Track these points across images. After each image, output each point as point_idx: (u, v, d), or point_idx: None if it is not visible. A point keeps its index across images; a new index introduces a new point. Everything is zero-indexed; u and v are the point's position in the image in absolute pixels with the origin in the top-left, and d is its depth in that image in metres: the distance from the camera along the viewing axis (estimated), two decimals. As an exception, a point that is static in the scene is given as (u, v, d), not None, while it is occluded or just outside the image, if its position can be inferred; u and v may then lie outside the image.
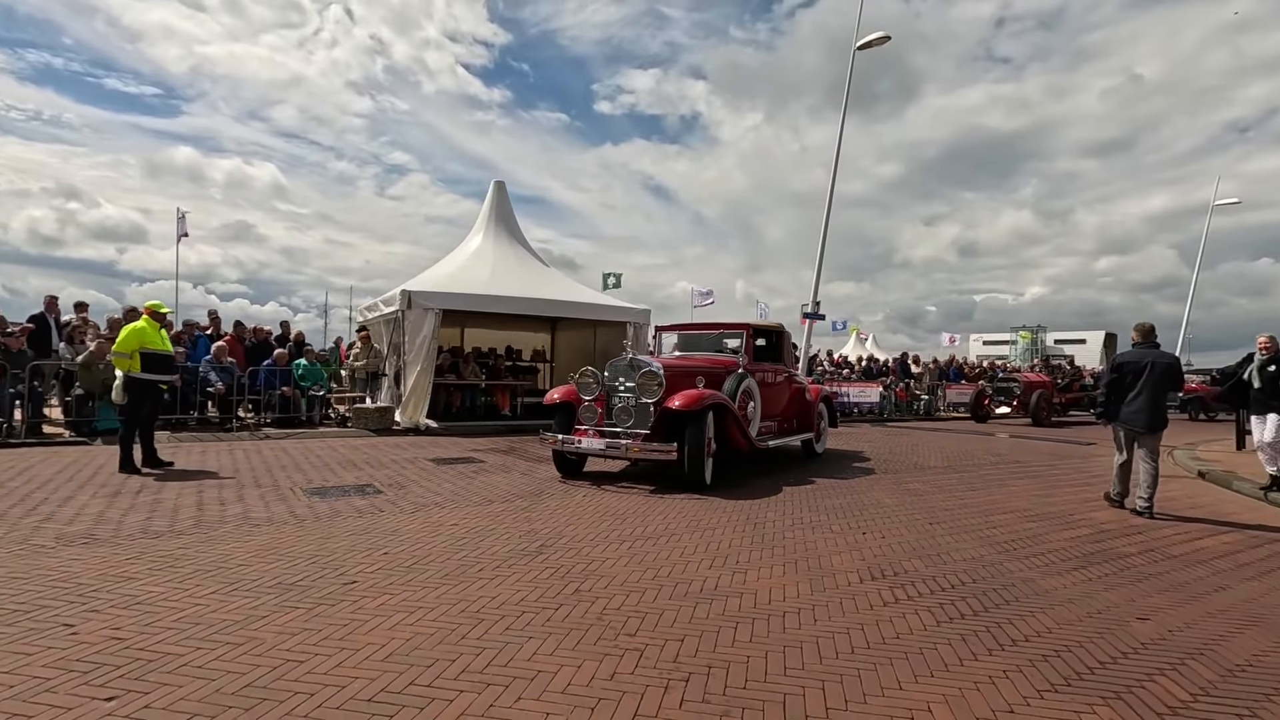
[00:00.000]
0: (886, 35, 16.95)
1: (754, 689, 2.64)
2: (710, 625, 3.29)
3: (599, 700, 2.51)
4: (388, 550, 4.43)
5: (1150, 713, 2.54)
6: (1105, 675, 2.86)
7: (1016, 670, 2.88)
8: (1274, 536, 5.62)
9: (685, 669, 2.80)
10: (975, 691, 2.67)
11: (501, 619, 3.30)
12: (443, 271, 14.59)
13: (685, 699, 2.54)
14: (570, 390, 7.63)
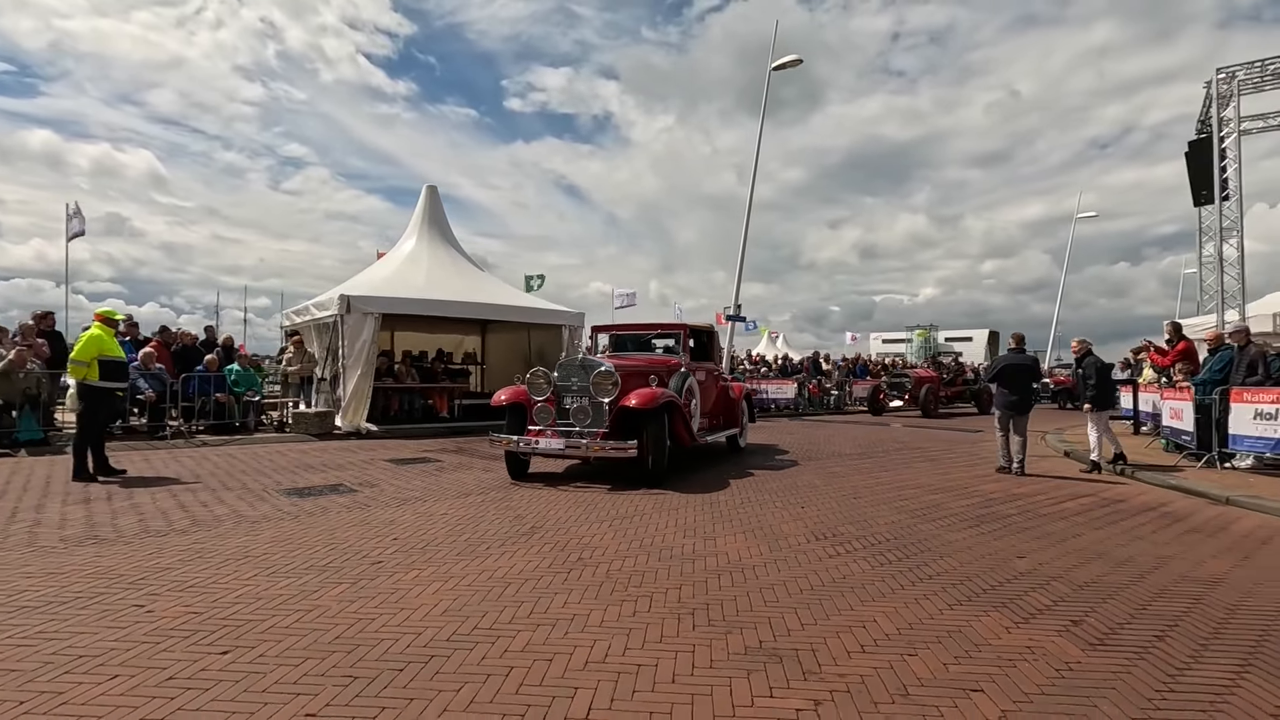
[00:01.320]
0: (799, 59, 18.36)
1: (744, 617, 3.41)
2: (697, 578, 4.04)
3: (630, 630, 3.21)
4: (396, 536, 4.91)
5: (1024, 614, 3.50)
6: (994, 594, 3.83)
7: (933, 593, 3.80)
8: (1114, 498, 6.99)
9: (688, 607, 3.53)
10: (905, 608, 3.56)
11: (525, 581, 3.92)
12: (378, 276, 14.67)
13: (695, 625, 3.28)
14: (519, 391, 7.68)
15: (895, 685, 2.71)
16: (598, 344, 10.17)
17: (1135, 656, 3.02)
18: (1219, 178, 13.74)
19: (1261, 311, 13.86)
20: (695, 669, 2.83)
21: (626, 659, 2.91)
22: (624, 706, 2.51)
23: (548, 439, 7.24)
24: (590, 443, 7.05)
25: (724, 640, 3.12)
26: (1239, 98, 13.70)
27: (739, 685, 2.68)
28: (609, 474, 8.17)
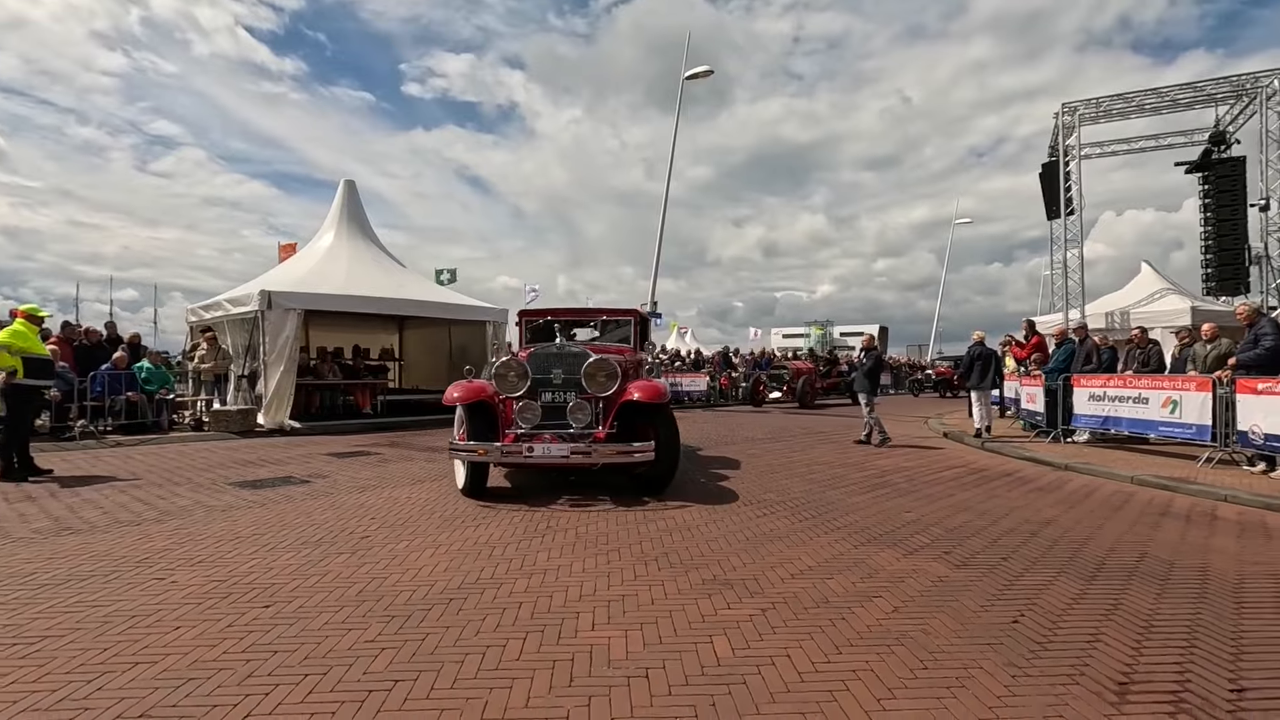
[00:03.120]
0: (710, 69, 19.48)
1: (697, 561, 4.20)
2: (653, 535, 4.79)
3: (607, 574, 3.92)
4: (373, 516, 5.36)
5: (909, 549, 4.49)
6: (888, 538, 4.82)
7: (841, 539, 4.74)
8: (980, 467, 8.37)
9: (650, 556, 4.29)
10: (820, 549, 4.48)
11: (508, 544, 4.54)
12: (296, 271, 14.47)
13: (660, 568, 4.04)
14: (478, 388, 6.40)
15: (818, 596, 3.58)
16: (525, 332, 8.63)
17: (987, 571, 4.05)
18: (1064, 196, 16.00)
19: (1098, 310, 16.26)
20: (667, 596, 3.58)
21: (611, 593, 3.63)
22: (619, 622, 3.22)
23: (545, 443, 5.86)
24: (602, 447, 5.85)
25: (685, 576, 3.89)
26: (1080, 129, 16.00)
27: (703, 604, 3.46)
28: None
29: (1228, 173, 16.06)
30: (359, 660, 2.79)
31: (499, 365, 6.39)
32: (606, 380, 6.23)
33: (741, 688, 2.58)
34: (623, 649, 2.92)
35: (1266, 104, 14.76)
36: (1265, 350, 8.05)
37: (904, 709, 2.42)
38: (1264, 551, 4.57)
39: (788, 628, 3.16)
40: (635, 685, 2.60)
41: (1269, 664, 2.81)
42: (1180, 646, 2.98)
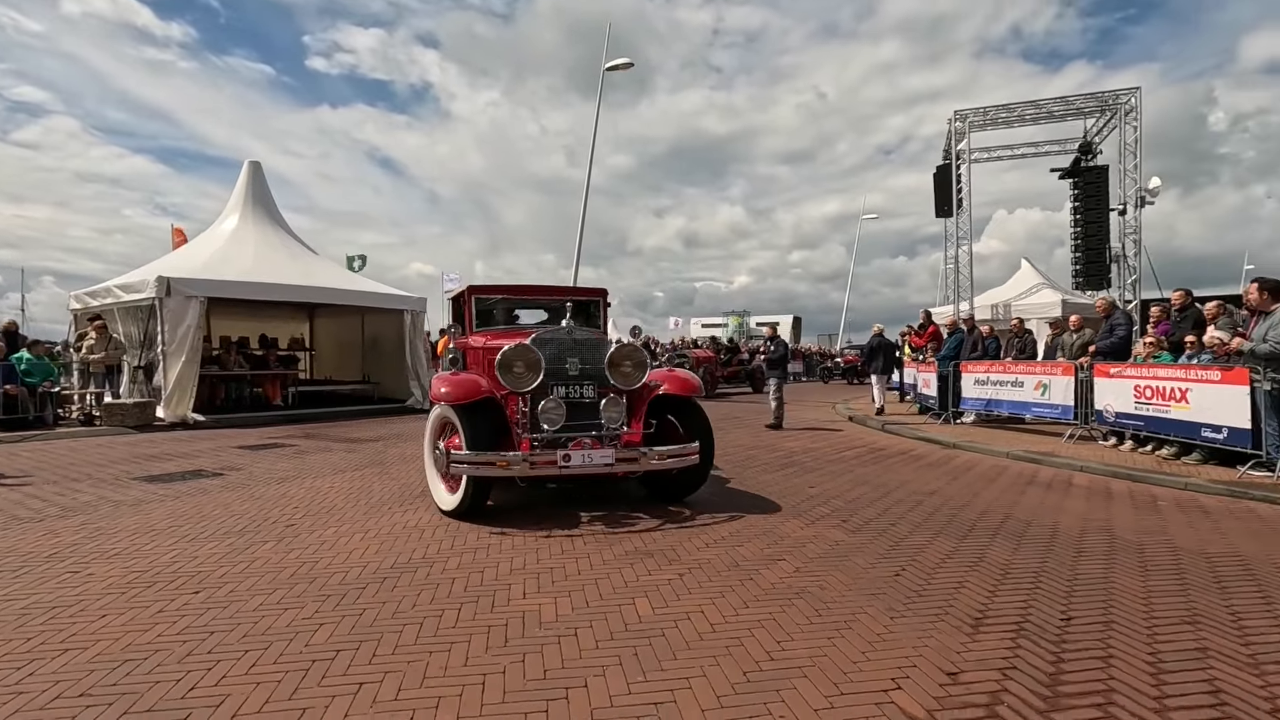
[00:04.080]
0: (630, 62, 19.70)
1: (620, 534, 4.49)
2: (578, 512, 5.05)
3: (537, 549, 4.16)
4: (296, 506, 5.35)
5: (812, 519, 4.96)
6: (793, 509, 5.28)
7: (752, 512, 5.16)
8: (878, 447, 9.11)
9: (579, 530, 4.54)
10: (733, 521, 4.88)
11: (437, 527, 4.68)
12: (197, 257, 13.71)
13: (586, 541, 4.31)
14: (475, 383, 5.03)
15: (729, 561, 3.95)
16: (474, 313, 6.75)
17: (877, 535, 4.56)
18: (955, 196, 17.32)
19: (985, 302, 17.71)
20: (593, 567, 3.86)
21: (540, 566, 3.87)
22: (549, 591, 3.47)
23: (585, 450, 4.76)
24: (651, 450, 4.96)
25: (610, 549, 4.18)
26: (970, 134, 17.32)
27: (626, 572, 3.76)
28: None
29: (1094, 179, 17.80)
30: (299, 635, 2.92)
31: (504, 355, 4.97)
32: (634, 371, 5.29)
33: (661, 640, 2.89)
34: (553, 613, 3.18)
35: (1125, 119, 16.48)
36: (1118, 339, 9.16)
37: (799, 648, 2.80)
38: (1104, 511, 5.32)
39: (701, 589, 3.50)
40: (565, 643, 2.86)
41: (1092, 598, 3.38)
42: (1027, 588, 3.52)
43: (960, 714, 2.29)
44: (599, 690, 2.46)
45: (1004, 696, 2.40)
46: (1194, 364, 7.34)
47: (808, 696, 2.40)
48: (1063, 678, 2.54)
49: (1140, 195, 16.48)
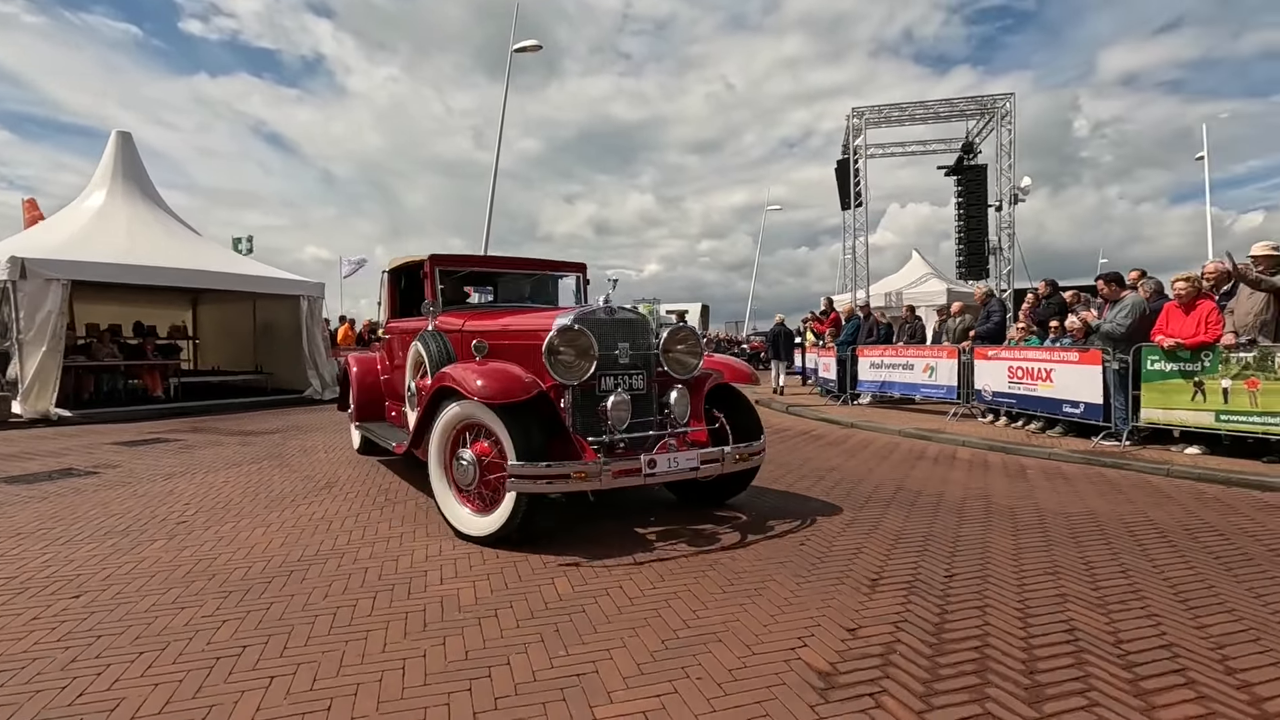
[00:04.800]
0: (539, 44, 19.38)
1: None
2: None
3: (453, 535, 4.12)
4: (187, 503, 5.02)
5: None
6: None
7: (668, 495, 5.31)
8: (782, 428, 9.54)
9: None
10: (652, 506, 5.00)
11: (345, 518, 4.54)
12: (57, 235, 12.40)
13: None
14: (516, 378, 3.96)
15: (645, 540, 4.06)
16: (438, 289, 5.70)
17: (784, 508, 4.81)
18: (854, 190, 18.26)
19: (880, 290, 18.81)
20: (511, 554, 3.86)
21: (456, 552, 3.84)
22: (467, 576, 3.46)
23: (671, 453, 4.03)
24: (733, 449, 4.26)
25: (527, 533, 4.20)
26: (866, 131, 18.28)
27: (545, 554, 3.80)
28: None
29: (975, 178, 19.26)
30: (199, 634, 2.78)
31: (552, 340, 4.04)
32: (690, 356, 4.62)
33: (581, 615, 2.96)
34: (472, 597, 3.18)
35: (1001, 122, 17.89)
36: (994, 324, 10.00)
37: (713, 616, 2.94)
38: (982, 480, 5.84)
39: (620, 566, 3.60)
40: (486, 624, 2.87)
41: (971, 557, 3.73)
42: (916, 551, 3.84)
43: (859, 664, 2.50)
44: (522, 666, 2.50)
45: (897, 646, 2.63)
46: (1057, 347, 8.14)
47: (722, 658, 2.54)
48: (946, 627, 2.81)
49: (1014, 193, 17.97)
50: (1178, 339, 6.39)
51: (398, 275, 6.46)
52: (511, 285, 6.63)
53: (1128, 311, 7.06)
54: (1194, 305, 6.44)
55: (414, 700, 2.26)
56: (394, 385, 6.42)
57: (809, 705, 2.21)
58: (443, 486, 4.23)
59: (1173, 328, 6.52)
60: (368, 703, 2.25)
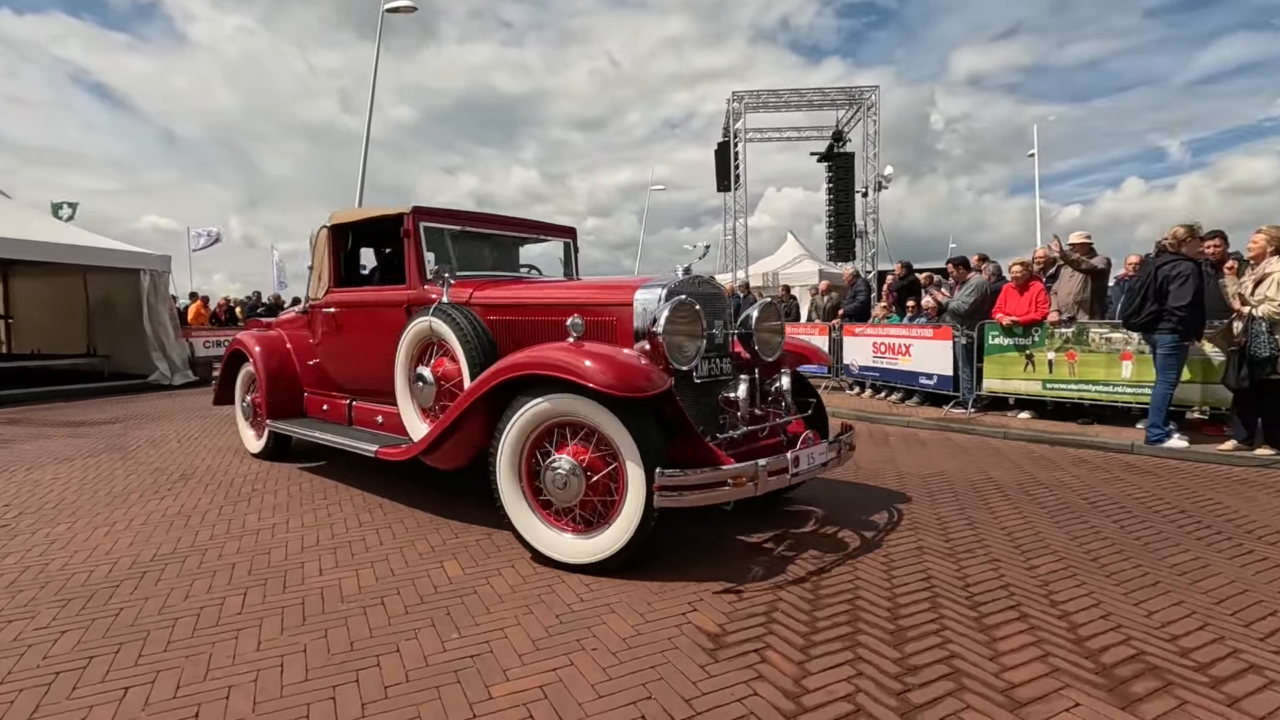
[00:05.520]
0: (413, 5, 18.29)
1: (420, 501, 4.37)
2: (370, 484, 4.80)
3: (330, 524, 3.91)
4: (8, 503, 4.41)
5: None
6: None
7: (556, 470, 5.30)
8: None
9: (374, 502, 4.33)
10: (539, 480, 4.97)
11: (207, 511, 4.18)
12: None
13: (374, 518, 4.13)
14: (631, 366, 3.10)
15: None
16: (422, 252, 4.49)
17: (671, 482, 4.95)
18: (733, 173, 18.85)
19: (758, 270, 19.64)
20: (395, 536, 3.73)
21: (335, 541, 3.65)
22: (348, 565, 3.30)
23: (810, 448, 3.45)
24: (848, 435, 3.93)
25: (411, 516, 4.07)
26: (745, 115, 18.87)
27: (432, 537, 3.70)
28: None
29: (844, 165, 20.46)
30: (33, 648, 2.47)
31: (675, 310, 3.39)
32: (777, 335, 4.13)
33: (473, 597, 2.92)
34: (355, 586, 3.04)
35: (867, 113, 19.08)
36: (859, 303, 10.74)
37: (606, 589, 2.99)
38: (851, 448, 6.30)
39: (511, 547, 3.56)
40: (372, 613, 2.76)
41: (842, 518, 4.03)
42: (793, 516, 4.09)
43: (745, 623, 2.64)
44: (412, 652, 2.43)
45: (779, 605, 2.81)
46: (914, 324, 8.88)
47: (616, 628, 2.60)
48: (822, 582, 3.03)
49: (878, 181, 19.28)
50: (1013, 316, 7.16)
51: (340, 235, 5.05)
52: (474, 251, 4.97)
53: (971, 291, 7.82)
54: (1027, 286, 7.24)
55: (295, 698, 2.14)
56: (328, 371, 5.25)
57: (700, 666, 2.32)
58: (523, 506, 3.32)
59: (1010, 307, 7.30)
60: (242, 704, 2.11)
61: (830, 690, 2.16)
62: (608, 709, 2.07)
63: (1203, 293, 5.46)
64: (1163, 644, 2.43)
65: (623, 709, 2.07)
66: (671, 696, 2.13)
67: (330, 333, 5.09)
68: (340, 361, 5.12)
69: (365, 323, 4.75)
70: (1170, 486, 4.66)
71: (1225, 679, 2.19)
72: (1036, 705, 2.06)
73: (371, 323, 4.67)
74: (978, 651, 2.39)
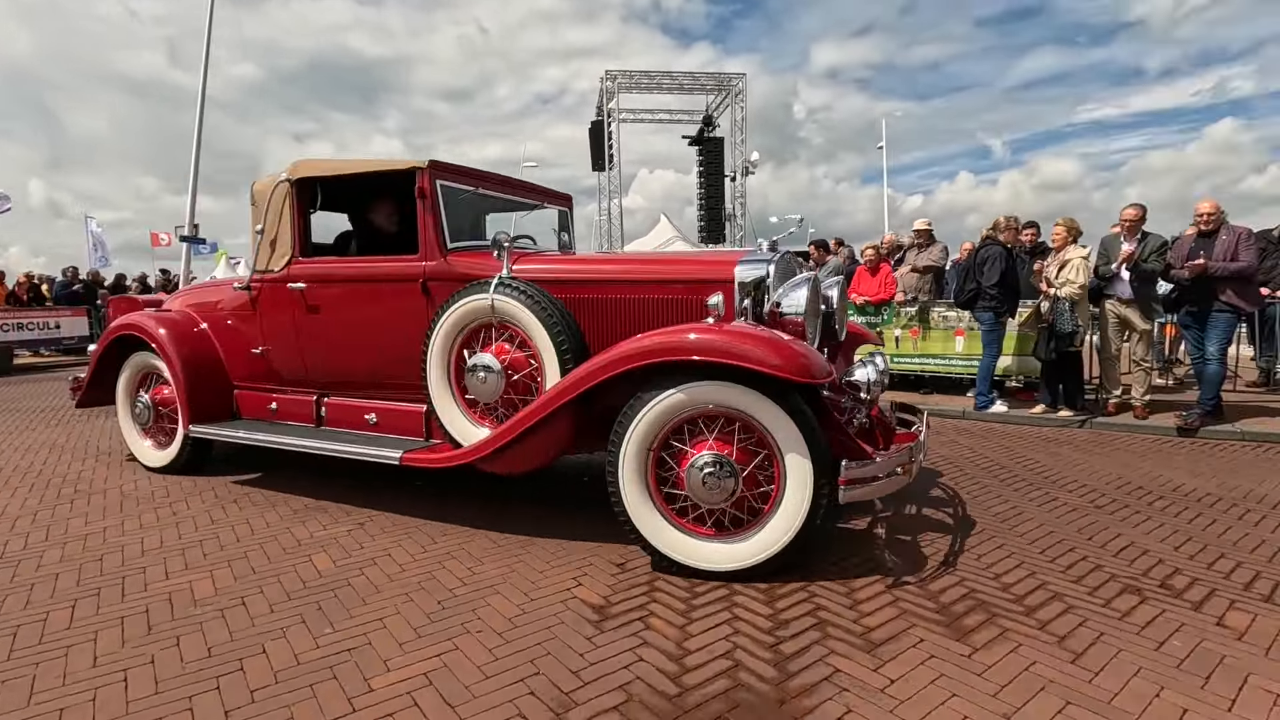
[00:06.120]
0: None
1: (278, 495, 4.08)
2: (216, 483, 4.41)
3: (176, 524, 3.55)
4: None
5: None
6: (473, 448, 5.39)
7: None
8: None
9: (228, 497, 3.99)
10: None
11: (19, 518, 3.65)
12: None
13: (241, 508, 3.81)
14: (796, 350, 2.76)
15: (408, 505, 3.91)
16: (444, 215, 3.74)
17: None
18: (607, 152, 18.88)
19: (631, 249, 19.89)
20: (254, 532, 3.46)
21: (185, 541, 3.32)
22: (201, 565, 3.02)
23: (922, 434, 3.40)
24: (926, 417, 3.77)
25: (273, 510, 3.78)
26: (619, 95, 18.91)
27: (298, 529, 3.47)
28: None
29: (713, 149, 21.11)
30: None
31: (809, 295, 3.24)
32: (845, 315, 4.05)
33: (347, 589, 2.78)
34: (210, 588, 2.79)
35: (735, 100, 19.77)
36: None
37: (490, 570, 2.96)
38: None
39: (385, 534, 3.42)
40: (232, 614, 2.56)
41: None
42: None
43: (629, 593, 2.72)
44: (281, 652, 2.28)
45: (660, 574, 2.91)
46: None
47: (501, 609, 2.59)
48: (700, 550, 3.17)
49: (746, 166, 20.07)
50: (865, 296, 7.78)
51: (307, 191, 4.11)
52: (468, 218, 4.31)
53: (829, 273, 8.39)
54: (878, 268, 7.87)
55: (143, 713, 1.95)
56: (284, 361, 4.25)
57: (586, 638, 2.36)
58: (649, 510, 2.94)
59: (863, 287, 7.91)
60: (78, 727, 1.89)
61: (711, 649, 2.28)
62: (495, 689, 2.07)
63: (1012, 274, 6.21)
64: (989, 582, 2.78)
65: (511, 687, 2.07)
66: (559, 670, 2.16)
67: (296, 314, 4.08)
68: (312, 349, 4.11)
69: (357, 301, 3.92)
70: (994, 446, 5.30)
71: (1037, 607, 2.55)
72: (889, 644, 2.30)
73: (367, 301, 3.89)
74: (839, 602, 2.62)
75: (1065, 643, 2.29)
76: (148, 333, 4.47)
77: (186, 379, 4.32)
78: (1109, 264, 5.91)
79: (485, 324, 3.43)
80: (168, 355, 4.35)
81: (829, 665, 2.17)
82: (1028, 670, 2.13)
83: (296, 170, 4.03)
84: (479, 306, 3.37)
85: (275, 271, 4.13)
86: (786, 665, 2.18)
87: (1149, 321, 6.01)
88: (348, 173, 3.97)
